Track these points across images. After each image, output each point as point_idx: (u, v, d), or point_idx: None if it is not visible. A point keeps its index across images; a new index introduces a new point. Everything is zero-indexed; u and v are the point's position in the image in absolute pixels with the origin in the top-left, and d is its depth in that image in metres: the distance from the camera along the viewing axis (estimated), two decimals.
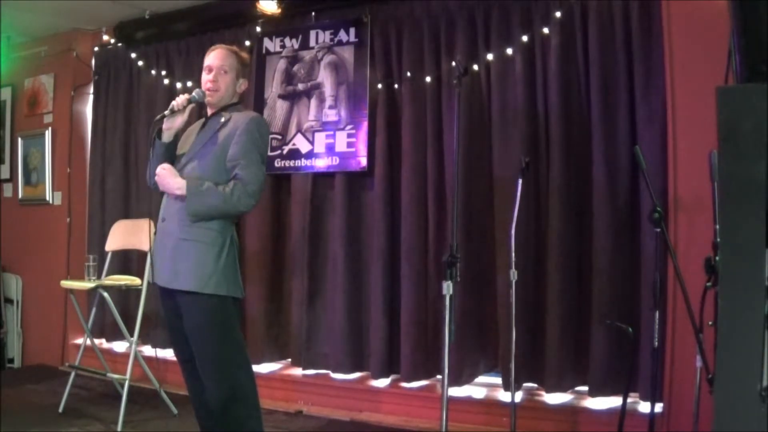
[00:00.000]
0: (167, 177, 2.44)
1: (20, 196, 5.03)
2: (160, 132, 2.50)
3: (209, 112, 2.59)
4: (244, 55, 2.62)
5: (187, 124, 2.60)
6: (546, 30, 3.26)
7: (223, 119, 2.51)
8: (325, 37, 3.85)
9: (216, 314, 2.41)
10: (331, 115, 3.80)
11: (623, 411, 2.68)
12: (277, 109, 3.96)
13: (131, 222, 4.05)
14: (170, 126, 2.48)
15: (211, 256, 2.40)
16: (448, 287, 2.12)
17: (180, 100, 2.46)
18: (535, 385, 3.31)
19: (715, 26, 2.60)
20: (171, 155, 2.54)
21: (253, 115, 2.59)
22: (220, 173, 2.45)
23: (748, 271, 1.11)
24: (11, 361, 4.87)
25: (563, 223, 3.18)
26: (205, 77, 2.54)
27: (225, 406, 2.39)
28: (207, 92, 2.51)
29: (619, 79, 3.11)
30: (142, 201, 4.43)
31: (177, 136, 2.54)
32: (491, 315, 3.38)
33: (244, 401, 2.44)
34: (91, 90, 4.84)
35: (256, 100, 3.98)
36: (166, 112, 2.46)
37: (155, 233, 2.57)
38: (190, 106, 2.49)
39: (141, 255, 3.89)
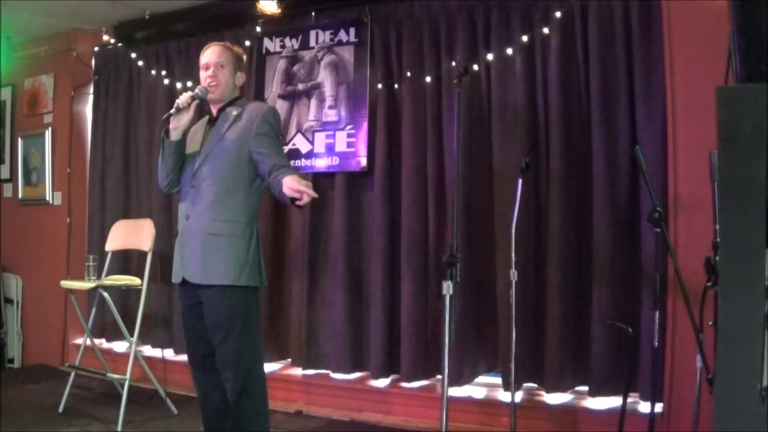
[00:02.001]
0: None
1: (20, 196, 5.03)
2: (168, 132, 2.52)
3: (213, 109, 2.60)
4: (237, 49, 2.67)
5: (192, 122, 2.61)
6: (546, 30, 3.26)
7: (235, 113, 2.53)
8: (325, 37, 3.85)
9: (243, 307, 2.45)
10: (331, 115, 3.80)
11: (623, 411, 2.68)
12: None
13: (131, 222, 4.05)
14: (177, 125, 2.51)
15: (242, 249, 2.45)
16: (448, 287, 2.12)
17: (184, 97, 2.48)
18: (535, 385, 3.31)
19: (715, 26, 2.60)
20: (181, 153, 2.56)
21: (268, 105, 2.66)
22: (241, 167, 2.47)
23: (748, 271, 1.11)
24: (11, 361, 4.87)
25: (563, 223, 3.18)
26: (204, 74, 2.57)
27: (237, 400, 2.42)
28: (209, 88, 2.53)
29: (619, 79, 3.11)
30: (142, 201, 4.44)
31: (185, 134, 2.55)
32: (491, 315, 3.38)
33: (256, 397, 2.47)
34: (91, 90, 4.84)
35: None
36: (172, 111, 2.48)
37: (178, 232, 2.58)
38: (195, 102, 2.50)
39: (141, 255, 3.90)
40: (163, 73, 4.38)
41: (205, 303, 2.45)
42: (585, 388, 3.17)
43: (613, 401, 3.06)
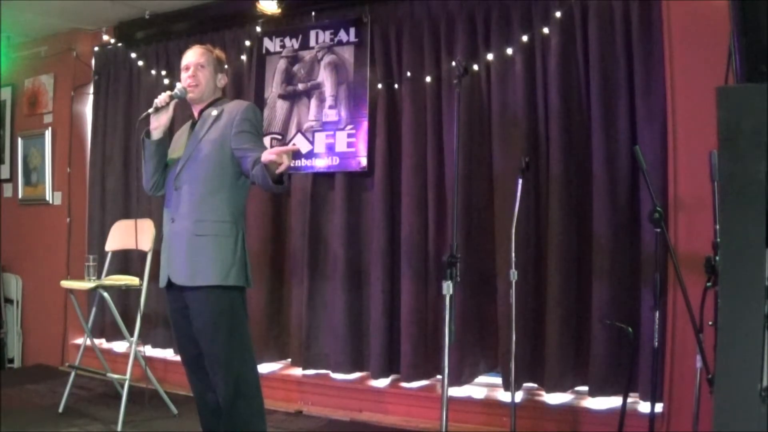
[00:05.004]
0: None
1: (20, 196, 5.03)
2: (148, 133, 2.51)
3: (194, 111, 2.60)
4: (218, 52, 2.68)
5: (179, 125, 2.61)
6: (546, 30, 3.26)
7: (215, 113, 2.53)
8: (325, 37, 3.85)
9: (230, 308, 2.44)
10: (331, 115, 3.80)
11: (623, 411, 2.68)
12: (277, 109, 3.96)
13: (131, 222, 4.04)
14: (158, 125, 2.50)
15: (229, 249, 2.44)
16: (448, 287, 2.12)
17: (162, 97, 2.48)
18: (535, 385, 3.31)
19: (715, 26, 2.60)
20: (162, 154, 2.56)
21: (247, 103, 2.63)
22: (223, 167, 2.46)
23: (748, 271, 1.11)
24: (11, 361, 4.87)
25: (563, 223, 3.18)
26: (184, 75, 2.57)
27: (232, 403, 2.40)
28: (188, 88, 2.53)
29: (619, 79, 3.11)
30: (142, 201, 4.43)
31: (166, 135, 2.55)
32: (491, 315, 3.38)
33: (250, 399, 2.45)
34: (91, 90, 4.84)
35: (256, 100, 3.98)
36: (150, 111, 2.48)
37: (164, 235, 2.56)
38: (173, 102, 2.50)
39: (141, 255, 3.89)
40: (163, 73, 4.38)
41: (192, 306, 2.43)
42: (585, 388, 3.17)
43: (613, 401, 3.06)
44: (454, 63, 2.76)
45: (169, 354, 4.24)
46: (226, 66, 2.72)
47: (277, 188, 2.33)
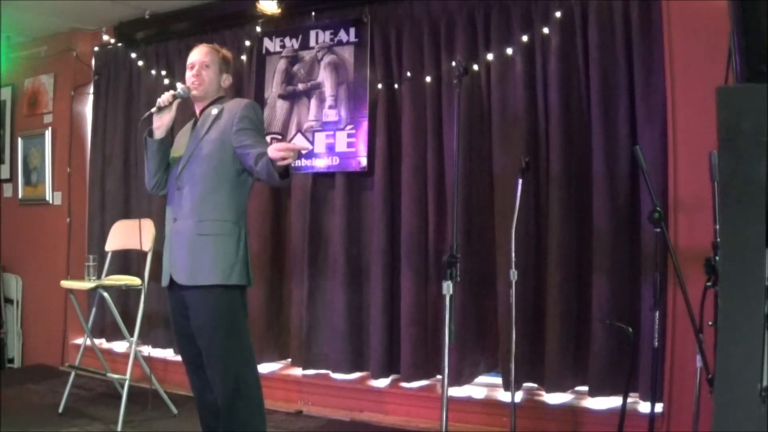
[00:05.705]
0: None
1: (20, 196, 5.03)
2: (151, 132, 2.52)
3: (197, 110, 2.60)
4: (225, 52, 2.67)
5: (181, 124, 2.60)
6: (546, 30, 3.26)
7: (215, 111, 2.53)
8: (325, 37, 3.85)
9: (230, 307, 2.43)
10: (331, 115, 3.80)
11: (623, 411, 2.68)
12: (277, 109, 3.96)
13: (131, 222, 4.05)
14: (160, 124, 2.50)
15: (232, 248, 2.44)
16: (448, 287, 2.12)
17: (165, 96, 2.49)
18: (535, 385, 3.31)
19: (715, 26, 2.60)
20: (165, 153, 2.56)
21: (247, 101, 2.63)
22: (224, 166, 2.46)
23: (748, 271, 1.11)
24: (11, 361, 4.87)
25: (563, 223, 3.18)
26: (189, 74, 2.57)
27: (231, 403, 2.39)
28: (191, 86, 2.53)
29: (619, 79, 3.11)
30: (142, 201, 4.44)
31: (168, 134, 2.55)
32: (491, 315, 3.38)
33: (249, 399, 2.45)
34: (91, 90, 4.84)
35: (256, 100, 3.97)
36: (153, 110, 2.49)
37: (166, 234, 2.56)
38: (176, 101, 2.50)
39: (141, 255, 3.90)
40: (163, 73, 4.38)
41: (191, 305, 2.43)
42: (585, 388, 3.17)
43: (613, 401, 3.06)
44: (454, 63, 2.76)
45: (169, 354, 4.24)
46: (231, 65, 2.71)
47: (282, 182, 2.32)
